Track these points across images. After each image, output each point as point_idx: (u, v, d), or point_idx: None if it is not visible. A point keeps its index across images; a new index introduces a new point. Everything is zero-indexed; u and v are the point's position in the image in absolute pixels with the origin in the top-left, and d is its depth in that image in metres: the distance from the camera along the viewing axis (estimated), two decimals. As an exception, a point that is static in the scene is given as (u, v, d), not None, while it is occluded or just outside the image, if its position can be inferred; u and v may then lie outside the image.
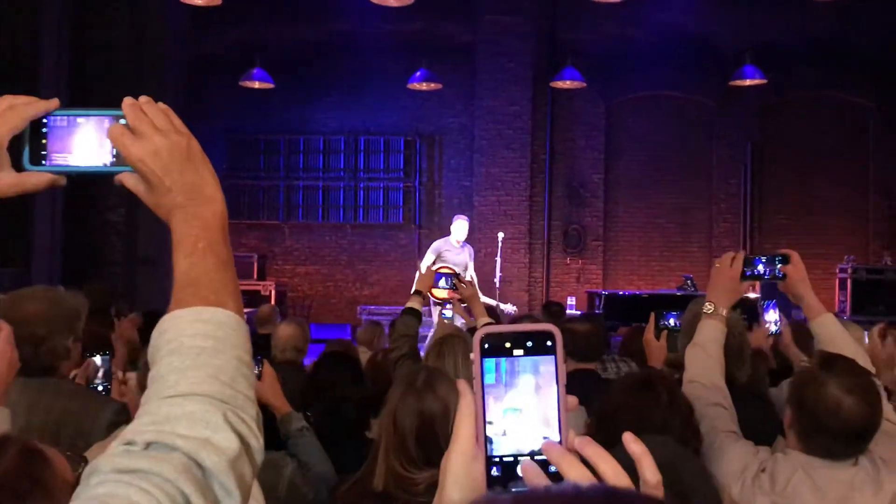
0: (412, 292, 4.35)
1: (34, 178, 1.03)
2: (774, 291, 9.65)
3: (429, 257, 8.71)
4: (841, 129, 12.27)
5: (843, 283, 11.06)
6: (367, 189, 13.16)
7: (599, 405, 2.16)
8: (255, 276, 12.03)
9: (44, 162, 1.03)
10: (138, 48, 9.42)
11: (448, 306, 5.45)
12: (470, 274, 8.62)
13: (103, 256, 9.25)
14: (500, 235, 9.45)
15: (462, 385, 0.74)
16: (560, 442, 0.70)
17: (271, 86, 11.41)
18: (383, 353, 4.54)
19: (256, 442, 0.88)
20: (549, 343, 0.72)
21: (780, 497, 1.95)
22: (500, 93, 12.27)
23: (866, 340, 3.59)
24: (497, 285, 9.62)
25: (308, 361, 4.72)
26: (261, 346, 4.96)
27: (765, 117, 12.37)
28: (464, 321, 5.41)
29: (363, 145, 13.15)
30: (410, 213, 13.04)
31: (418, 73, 11.46)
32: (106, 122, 1.02)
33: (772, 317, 3.57)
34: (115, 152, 1.03)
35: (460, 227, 8.86)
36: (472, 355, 0.73)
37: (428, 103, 12.70)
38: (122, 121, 1.00)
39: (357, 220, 13.12)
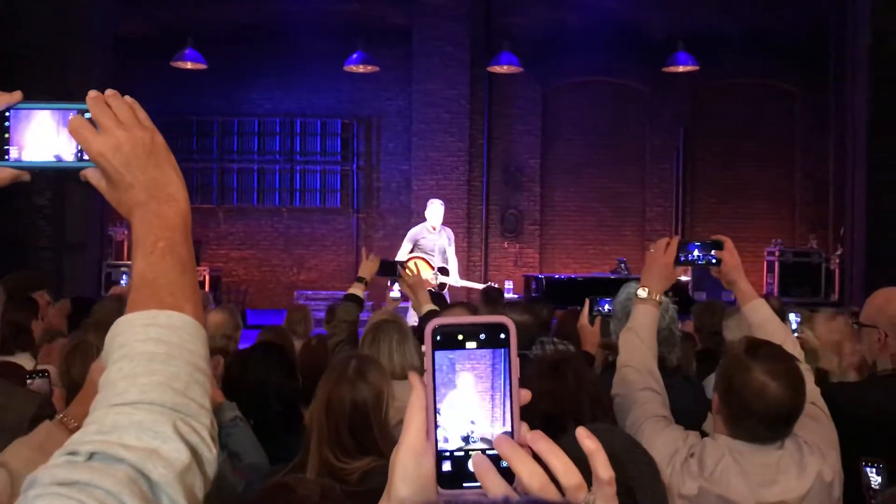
0: (356, 279, 4.33)
1: None
2: (706, 279, 9.87)
3: (405, 246, 8.44)
4: (769, 115, 12.59)
5: (771, 266, 11.39)
6: (303, 172, 13.01)
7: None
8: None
9: (6, 157, 1.01)
10: (62, 26, 9.09)
11: (396, 287, 5.44)
12: (450, 259, 8.42)
13: (30, 241, 8.94)
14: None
15: (413, 378, 0.73)
16: (512, 436, 0.69)
17: (204, 66, 11.17)
18: (318, 339, 4.50)
19: (209, 452, 0.85)
20: (502, 336, 0.70)
21: (708, 481, 1.99)
22: (437, 76, 12.23)
23: (795, 325, 3.68)
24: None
25: (244, 347, 4.66)
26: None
27: (696, 103, 12.62)
28: (412, 304, 5.43)
29: (299, 128, 12.98)
30: (348, 197, 12.94)
31: (355, 56, 11.35)
32: (70, 116, 0.99)
33: (793, 324, 3.64)
34: (78, 147, 1.00)
35: (434, 211, 8.51)
36: (423, 347, 0.71)
37: (365, 86, 12.60)
38: (87, 115, 0.97)
39: (294, 204, 12.97)
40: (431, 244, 8.39)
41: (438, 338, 0.70)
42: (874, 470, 2.19)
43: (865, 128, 9.91)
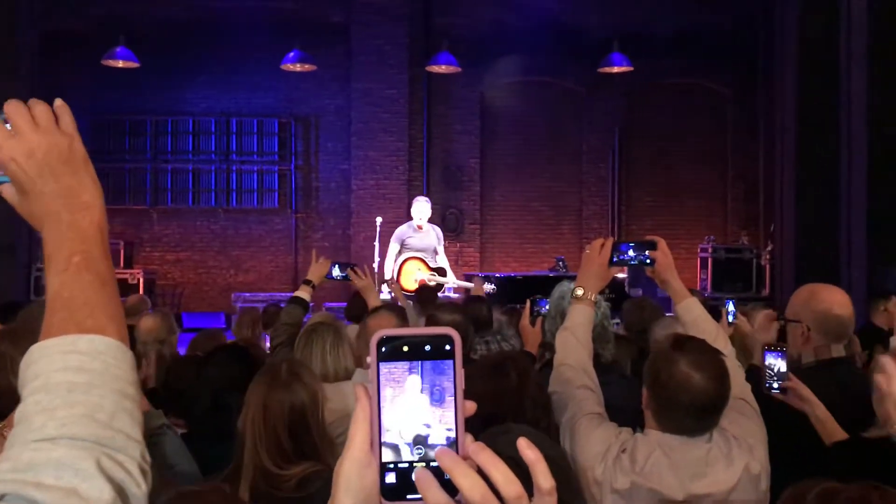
0: (303, 281, 4.29)
1: None
2: (641, 276, 10.05)
3: (392, 247, 8.12)
4: (702, 115, 12.87)
5: (705, 262, 11.66)
6: (239, 172, 12.81)
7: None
8: (122, 265, 11.51)
9: None
10: (-14, 22, 8.79)
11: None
12: (441, 259, 8.20)
13: (-49, 244, 8.62)
14: (378, 220, 9.38)
15: (358, 389, 0.72)
16: (457, 448, 0.69)
17: (136, 65, 10.91)
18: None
19: (138, 489, 0.79)
20: (447, 347, 0.70)
21: (639, 476, 2.03)
22: (376, 75, 12.19)
23: (731, 311, 3.76)
24: (376, 268, 9.57)
25: (181, 351, 4.56)
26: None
27: (631, 103, 12.83)
28: (400, 301, 5.46)
29: (235, 127, 12.78)
30: (286, 197, 12.80)
31: (291, 54, 11.23)
32: None
33: (730, 308, 3.74)
34: None
35: (418, 209, 8.19)
36: (368, 359, 0.71)
37: (303, 84, 12.48)
38: (8, 125, 0.92)
39: (230, 205, 12.76)
40: (419, 244, 8.09)
41: (384, 349, 0.70)
42: (776, 355, 2.36)
43: (794, 128, 10.21)
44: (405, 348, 0.70)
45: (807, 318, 2.69)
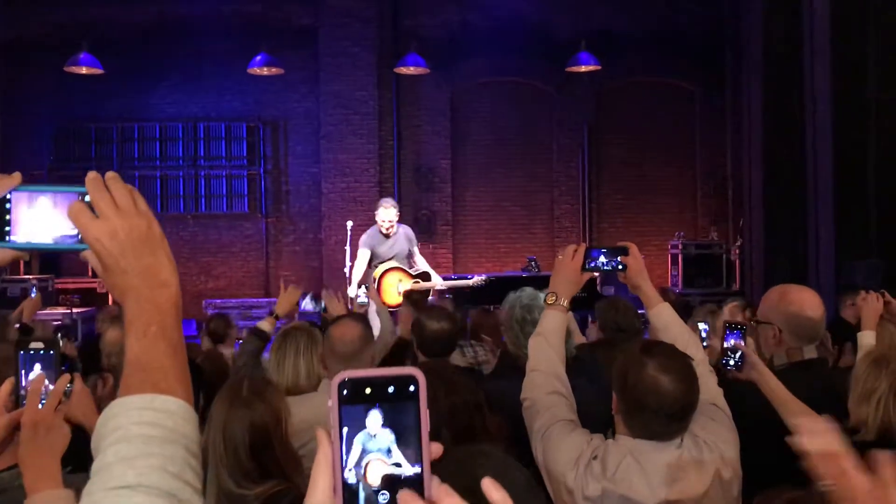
0: (268, 312, 4.25)
1: None
2: (613, 280, 10.09)
3: (362, 255, 7.48)
4: (670, 112, 12.96)
5: (675, 259, 11.75)
6: (208, 178, 12.69)
7: None
8: (91, 273, 11.35)
9: (7, 238, 1.03)
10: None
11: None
12: (419, 261, 7.73)
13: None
14: (350, 224, 9.31)
15: (320, 434, 0.71)
16: (422, 492, 0.67)
17: (100, 71, 10.76)
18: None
19: None
20: (412, 388, 0.69)
21: (610, 482, 2.02)
22: (344, 78, 12.13)
23: (704, 335, 3.75)
24: (347, 272, 9.51)
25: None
26: (88, 353, 4.69)
27: (600, 102, 12.88)
28: (376, 307, 5.41)
29: (203, 132, 12.65)
30: (256, 202, 12.70)
31: (259, 58, 11.14)
32: (69, 199, 1.02)
33: (702, 332, 3.66)
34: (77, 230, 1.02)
35: (382, 215, 7.46)
36: (329, 402, 0.69)
37: (271, 88, 12.39)
38: (87, 197, 0.99)
39: (199, 211, 12.63)
40: (391, 251, 7.52)
41: (345, 392, 0.68)
42: (736, 335, 2.51)
43: (760, 124, 10.32)
44: (367, 390, 0.68)
45: (778, 320, 2.69)
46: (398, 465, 0.68)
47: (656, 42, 12.27)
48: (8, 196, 1.03)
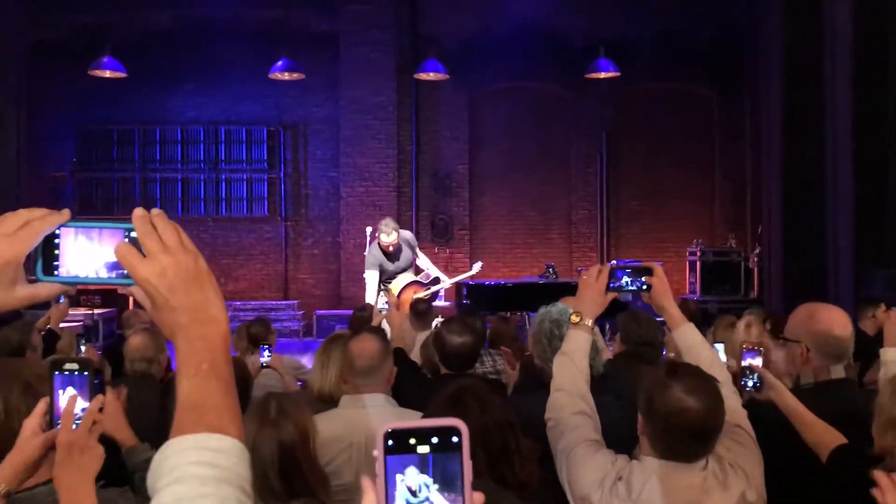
0: None
1: (46, 290, 1.05)
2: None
3: (372, 276, 7.45)
4: (688, 118, 12.94)
5: (693, 266, 11.71)
6: (228, 181, 12.80)
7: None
8: (112, 275, 11.45)
9: (56, 273, 1.06)
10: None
11: (385, 299, 5.45)
12: (424, 264, 7.75)
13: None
14: (369, 229, 9.38)
15: (366, 483, 0.74)
16: None
17: (123, 75, 10.87)
18: None
19: None
20: (454, 439, 0.71)
21: (635, 503, 2.05)
22: (364, 83, 12.20)
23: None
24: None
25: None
26: (111, 358, 4.72)
27: (618, 108, 12.88)
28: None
29: (224, 135, 12.77)
30: (275, 205, 12.79)
31: (280, 63, 11.23)
32: (116, 235, 1.04)
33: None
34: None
35: (388, 239, 7.43)
36: (375, 452, 0.72)
37: (291, 92, 12.48)
38: (133, 233, 1.01)
39: (219, 213, 12.75)
40: (395, 268, 7.54)
41: (391, 442, 0.71)
42: (753, 354, 2.59)
43: (779, 130, 10.27)
44: (412, 441, 0.71)
45: (806, 339, 2.69)
46: None
47: (674, 48, 12.26)
48: (56, 231, 1.05)
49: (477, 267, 7.80)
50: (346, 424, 2.85)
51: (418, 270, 7.92)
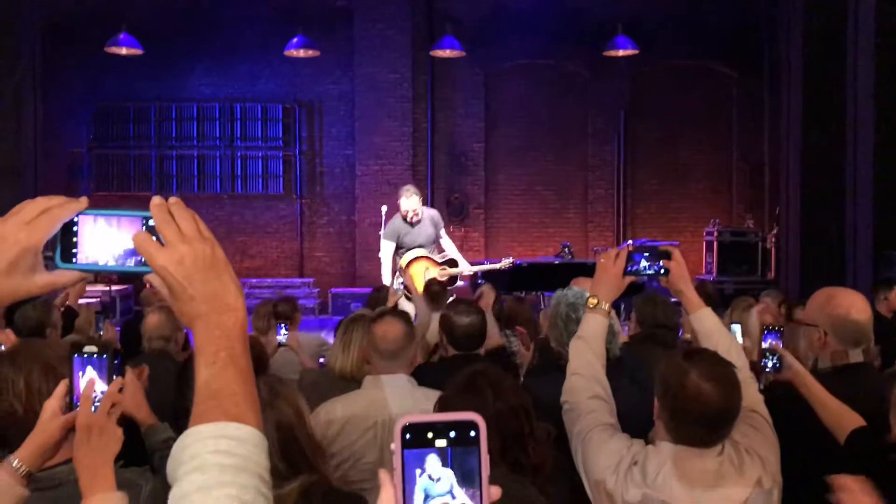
0: None
1: (65, 277, 1.07)
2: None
3: (386, 246, 7.28)
4: (706, 97, 12.81)
5: (710, 246, 11.65)
6: (244, 158, 12.81)
7: (436, 412, 2.20)
8: (129, 251, 11.52)
9: (74, 260, 1.07)
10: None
11: (398, 283, 5.44)
12: (446, 246, 7.47)
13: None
14: (384, 208, 9.34)
15: (383, 476, 0.74)
16: None
17: (139, 52, 10.86)
18: None
19: None
20: (472, 434, 0.71)
21: (650, 488, 2.04)
22: (379, 60, 12.14)
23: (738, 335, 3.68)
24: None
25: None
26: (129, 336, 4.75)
27: (636, 86, 12.76)
28: (412, 294, 5.44)
29: (239, 113, 12.75)
30: (291, 183, 12.79)
31: (295, 40, 11.17)
32: (134, 224, 1.06)
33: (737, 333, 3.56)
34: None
35: (409, 204, 7.22)
36: (392, 445, 0.72)
37: (306, 70, 12.44)
38: (151, 221, 1.02)
39: (235, 191, 12.77)
40: (418, 238, 7.28)
41: (408, 436, 0.71)
42: (773, 336, 2.63)
43: (799, 110, 10.16)
44: (429, 435, 0.71)
45: (824, 323, 2.67)
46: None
47: (693, 25, 12.11)
48: (75, 219, 1.07)
49: (507, 261, 7.54)
50: (369, 404, 2.89)
51: (440, 252, 7.66)
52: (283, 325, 5.02)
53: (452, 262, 7.46)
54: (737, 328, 3.51)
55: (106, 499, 1.52)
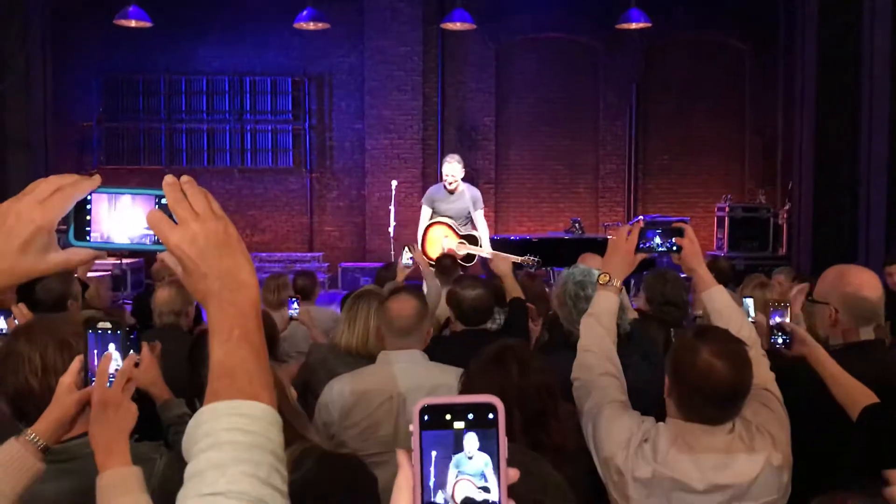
0: None
1: (79, 255, 1.08)
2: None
3: (424, 212, 7.40)
4: (719, 71, 12.68)
5: (721, 221, 11.59)
6: (254, 132, 12.78)
7: (461, 388, 2.21)
8: (139, 225, 11.55)
9: (88, 238, 1.09)
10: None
11: (409, 254, 5.42)
12: (478, 225, 7.39)
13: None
14: (394, 183, 9.33)
15: (401, 456, 0.74)
16: None
17: (148, 24, 10.80)
18: None
19: None
20: (490, 416, 0.71)
21: (661, 465, 2.05)
22: (389, 33, 12.05)
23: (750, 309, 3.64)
24: (392, 231, 9.57)
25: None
26: (140, 310, 4.77)
27: (649, 60, 12.63)
28: (422, 268, 5.43)
29: (249, 86, 12.70)
30: (300, 157, 12.76)
31: (304, 12, 11.08)
32: (147, 202, 1.07)
33: (749, 309, 3.53)
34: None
35: (448, 169, 7.25)
36: (411, 427, 0.72)
37: (315, 43, 12.35)
38: (164, 200, 1.03)
39: (245, 165, 12.75)
40: (451, 208, 7.31)
41: (426, 417, 0.71)
42: (780, 313, 2.67)
43: (814, 84, 10.05)
44: (447, 416, 0.71)
45: (835, 300, 2.66)
46: (487, 489, 0.70)
47: (704, -1, 11.96)
48: (88, 197, 1.07)
49: (530, 258, 7.35)
50: (384, 379, 2.91)
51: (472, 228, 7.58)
52: (294, 299, 5.04)
53: (473, 240, 7.38)
54: (749, 301, 3.49)
55: (121, 473, 1.53)
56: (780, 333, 2.61)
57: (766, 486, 2.04)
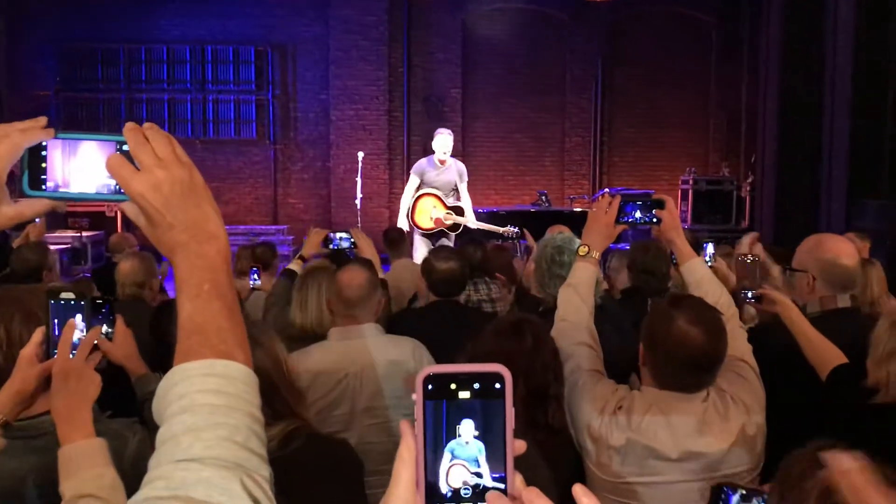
0: (296, 256, 4.29)
1: (34, 207, 1.00)
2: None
3: (412, 181, 7.60)
4: (686, 44, 12.72)
5: (685, 194, 11.69)
6: (216, 102, 12.55)
7: (471, 348, 2.19)
8: (99, 197, 11.31)
9: (43, 187, 1.01)
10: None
11: (343, 235, 5.38)
12: (462, 197, 7.64)
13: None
14: (361, 155, 9.25)
15: (404, 427, 0.71)
16: (506, 489, 0.68)
17: (106, -9, 10.54)
18: None
19: (270, 503, 0.86)
20: (497, 385, 0.68)
21: (635, 433, 2.05)
22: (354, 1, 11.88)
23: (708, 255, 3.75)
24: (358, 204, 9.50)
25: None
26: (102, 283, 4.69)
27: (615, 32, 12.62)
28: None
29: (210, 55, 12.45)
30: (264, 128, 12.58)
31: (268, -20, 10.89)
32: (107, 148, 0.99)
33: (709, 252, 3.72)
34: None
35: (440, 142, 7.54)
36: (414, 396, 0.69)
37: (279, 11, 12.14)
38: (125, 146, 0.96)
39: (207, 136, 12.52)
40: (438, 180, 7.54)
41: (430, 387, 0.68)
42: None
43: (777, 57, 10.13)
44: (452, 386, 0.68)
45: (812, 268, 2.70)
46: (479, 475, 0.68)
47: (674, -30, 11.96)
48: (44, 144, 0.99)
49: (511, 230, 7.46)
50: (340, 356, 2.84)
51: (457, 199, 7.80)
52: (255, 269, 5.00)
53: (459, 211, 7.62)
54: (709, 247, 3.62)
55: (84, 445, 1.47)
56: (749, 288, 2.64)
57: (740, 455, 2.05)
